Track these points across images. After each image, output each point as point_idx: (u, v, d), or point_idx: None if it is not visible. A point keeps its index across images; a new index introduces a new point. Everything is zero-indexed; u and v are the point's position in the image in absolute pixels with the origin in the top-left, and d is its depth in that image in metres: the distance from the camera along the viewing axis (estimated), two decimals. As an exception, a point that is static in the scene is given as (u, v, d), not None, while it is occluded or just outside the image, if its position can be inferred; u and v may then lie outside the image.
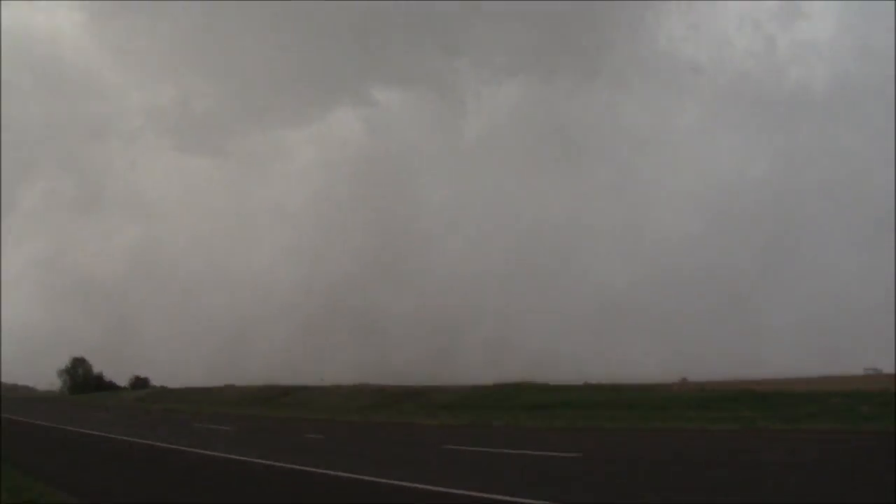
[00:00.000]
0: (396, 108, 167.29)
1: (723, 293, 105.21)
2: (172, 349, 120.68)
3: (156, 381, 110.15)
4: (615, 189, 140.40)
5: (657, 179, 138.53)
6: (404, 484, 14.64)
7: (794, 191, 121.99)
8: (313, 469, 17.74)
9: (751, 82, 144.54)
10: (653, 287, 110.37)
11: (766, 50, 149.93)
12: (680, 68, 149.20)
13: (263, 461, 19.98)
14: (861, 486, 12.32)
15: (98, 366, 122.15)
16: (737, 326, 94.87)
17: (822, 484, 12.83)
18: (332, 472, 16.98)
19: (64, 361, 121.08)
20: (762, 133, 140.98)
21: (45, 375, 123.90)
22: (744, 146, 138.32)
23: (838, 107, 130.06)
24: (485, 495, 12.75)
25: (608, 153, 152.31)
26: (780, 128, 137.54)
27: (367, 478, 15.79)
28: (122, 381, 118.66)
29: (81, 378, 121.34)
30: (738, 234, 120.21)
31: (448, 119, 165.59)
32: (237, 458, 21.19)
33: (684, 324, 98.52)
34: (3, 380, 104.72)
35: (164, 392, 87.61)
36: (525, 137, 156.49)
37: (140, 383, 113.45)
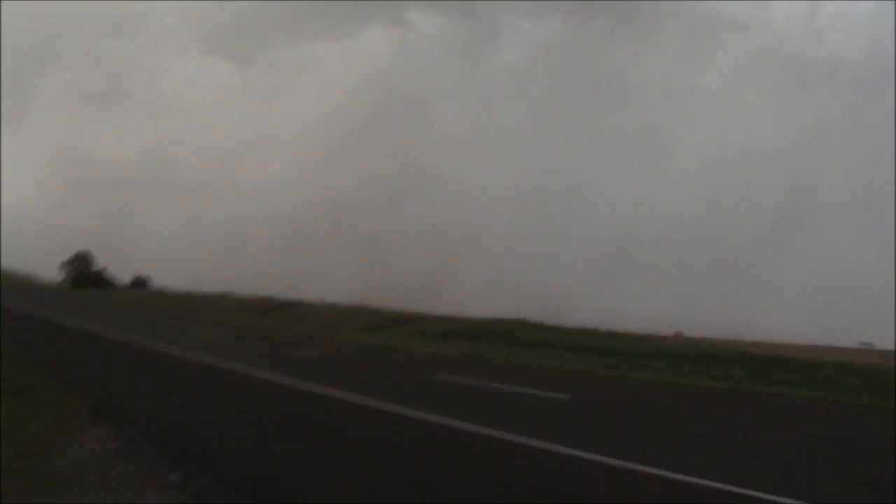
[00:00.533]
0: (430, 32, 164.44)
1: (728, 255, 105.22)
2: (174, 252, 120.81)
3: (155, 281, 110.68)
4: (635, 141, 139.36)
5: (679, 135, 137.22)
6: (394, 409, 14.94)
7: (816, 162, 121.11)
8: (305, 386, 18.10)
9: (787, 46, 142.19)
10: (659, 241, 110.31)
11: (808, 13, 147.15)
12: (719, 24, 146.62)
13: (258, 374, 20.36)
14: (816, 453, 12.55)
15: (101, 261, 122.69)
16: (737, 289, 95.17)
17: (784, 447, 13.07)
18: (326, 391, 17.30)
19: (68, 253, 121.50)
20: (791, 100, 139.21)
21: (47, 266, 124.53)
22: (770, 111, 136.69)
23: (872, 81, 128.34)
24: (470, 426, 13.04)
25: (633, 103, 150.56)
26: (811, 97, 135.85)
27: (360, 400, 16.12)
28: (123, 279, 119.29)
29: (83, 273, 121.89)
30: (752, 199, 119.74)
31: (480, 50, 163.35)
32: (233, 367, 21.58)
33: (685, 281, 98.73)
34: (4, 266, 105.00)
35: (163, 294, 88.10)
36: (553, 78, 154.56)
37: (140, 283, 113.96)
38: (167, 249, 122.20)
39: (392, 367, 26.58)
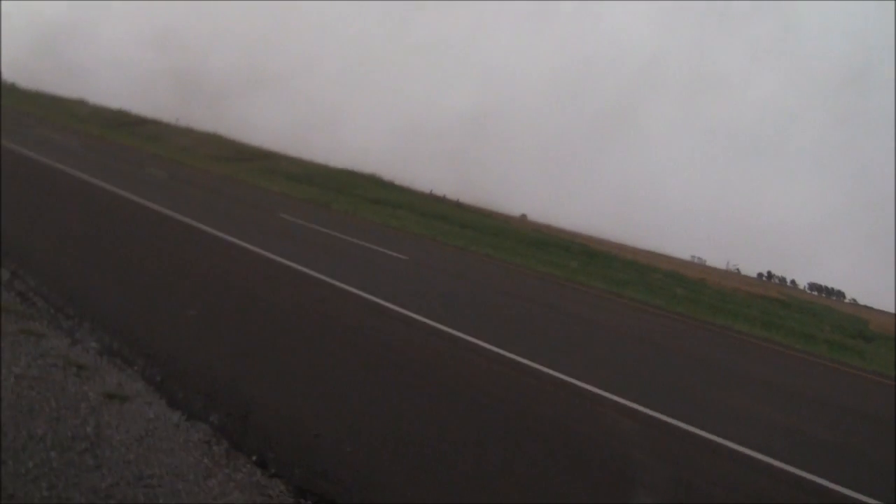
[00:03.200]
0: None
1: (574, 148, 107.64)
2: (27, 46, 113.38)
3: (7, 76, 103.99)
4: (491, 23, 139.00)
5: (539, 24, 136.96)
6: (229, 238, 14.39)
7: (652, 82, 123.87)
8: (145, 202, 17.26)
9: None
10: (507, 121, 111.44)
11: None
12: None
13: (98, 182, 19.28)
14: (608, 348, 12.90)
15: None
16: (582, 182, 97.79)
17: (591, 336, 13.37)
18: (160, 209, 16.53)
19: None
20: (645, 17, 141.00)
21: None
22: (639, 19, 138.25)
23: (721, 13, 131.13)
24: (300, 268, 12.69)
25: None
26: (663, 18, 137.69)
27: (193, 223, 15.46)
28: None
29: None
30: (594, 101, 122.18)
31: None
32: (75, 175, 20.35)
33: (531, 164, 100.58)
34: None
35: (14, 90, 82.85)
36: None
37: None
38: (19, 45, 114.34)
39: (236, 200, 25.71)
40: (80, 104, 70.46)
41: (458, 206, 42.05)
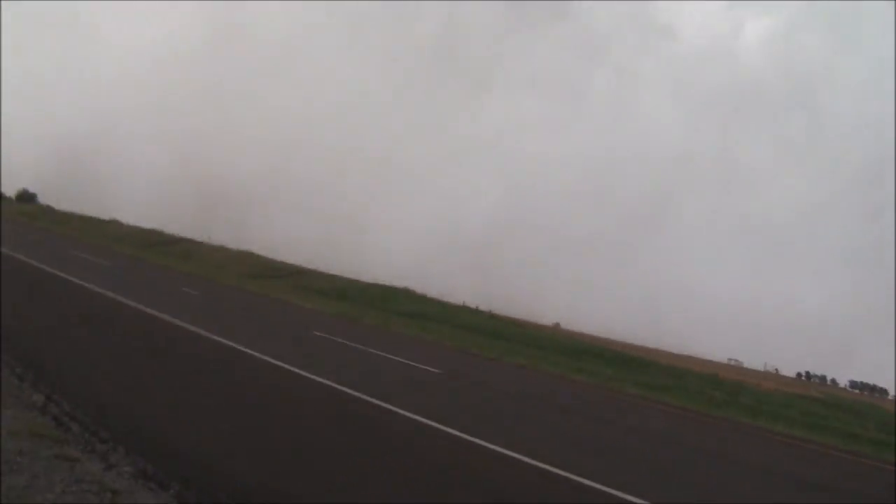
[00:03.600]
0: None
1: (604, 252, 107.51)
2: (63, 171, 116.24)
3: (43, 199, 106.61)
4: (518, 127, 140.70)
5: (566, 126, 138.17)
6: (266, 359, 14.42)
7: (682, 179, 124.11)
8: (181, 323, 17.40)
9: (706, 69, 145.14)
10: (536, 228, 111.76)
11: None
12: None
13: (133, 304, 19.51)
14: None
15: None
16: (613, 287, 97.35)
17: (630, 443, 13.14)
18: (198, 331, 16.65)
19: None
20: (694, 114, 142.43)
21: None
22: (668, 120, 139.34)
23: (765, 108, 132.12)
24: (340, 387, 12.67)
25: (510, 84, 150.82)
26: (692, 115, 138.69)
27: (233, 345, 15.54)
28: (8, 191, 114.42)
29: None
30: (619, 202, 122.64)
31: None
32: (110, 295, 20.63)
33: (561, 271, 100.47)
34: None
35: (49, 212, 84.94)
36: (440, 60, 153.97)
37: (27, 197, 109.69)
38: (53, 168, 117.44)
39: (269, 318, 25.91)
40: (114, 224, 71.97)
41: (490, 316, 42.00)
